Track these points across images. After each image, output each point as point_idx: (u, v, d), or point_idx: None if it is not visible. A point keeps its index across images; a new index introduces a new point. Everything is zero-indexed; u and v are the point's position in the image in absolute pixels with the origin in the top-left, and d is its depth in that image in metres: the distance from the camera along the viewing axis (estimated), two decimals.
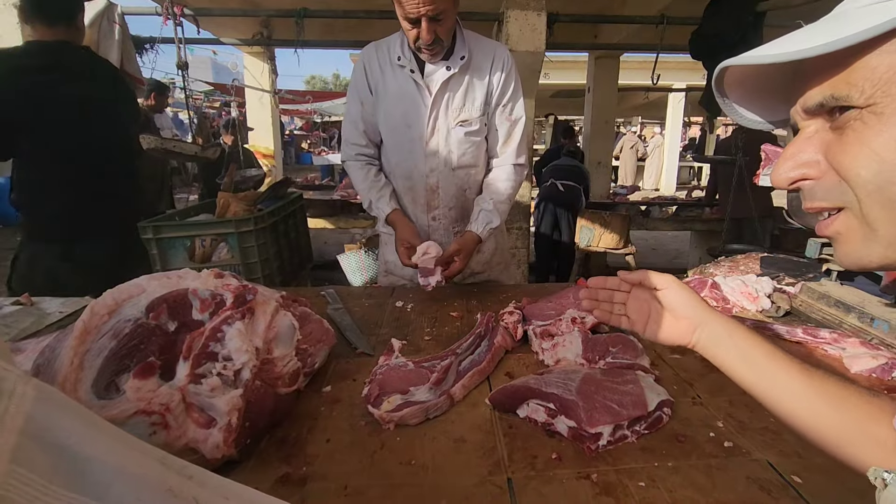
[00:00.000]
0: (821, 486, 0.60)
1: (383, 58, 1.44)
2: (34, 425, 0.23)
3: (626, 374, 0.78)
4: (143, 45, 3.25)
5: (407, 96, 1.43)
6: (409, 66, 1.40)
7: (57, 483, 0.23)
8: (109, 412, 0.55)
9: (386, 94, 1.44)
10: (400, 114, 1.44)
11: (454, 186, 1.50)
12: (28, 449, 0.23)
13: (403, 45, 1.41)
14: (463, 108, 1.44)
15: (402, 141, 1.47)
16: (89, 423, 0.27)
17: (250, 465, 0.65)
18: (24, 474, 0.22)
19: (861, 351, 0.92)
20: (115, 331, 0.62)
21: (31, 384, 0.25)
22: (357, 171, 1.51)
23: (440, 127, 1.44)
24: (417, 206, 1.53)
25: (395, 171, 1.51)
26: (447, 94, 1.42)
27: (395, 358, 0.87)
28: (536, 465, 0.64)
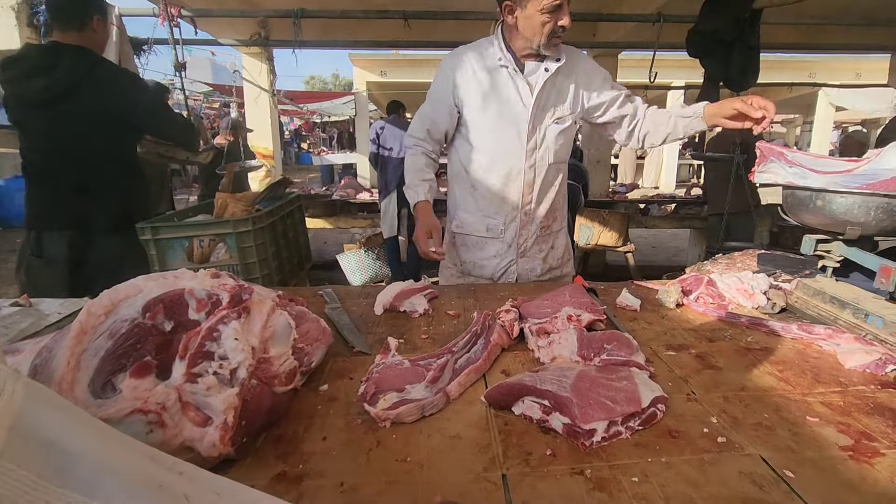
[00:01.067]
0: (812, 480, 0.60)
1: (477, 62, 1.55)
2: (24, 422, 0.24)
3: (621, 371, 0.79)
4: (141, 46, 3.25)
5: (506, 97, 1.54)
6: (511, 67, 1.51)
7: (46, 478, 0.23)
8: (106, 411, 0.56)
9: (481, 96, 1.54)
10: (498, 114, 1.55)
11: (547, 181, 1.62)
12: (17, 445, 0.23)
13: (501, 48, 1.53)
14: (558, 106, 1.56)
15: (500, 139, 1.57)
16: (79, 420, 0.27)
17: (247, 463, 0.65)
18: (14, 470, 0.22)
19: (856, 347, 0.92)
20: (111, 331, 0.63)
21: (21, 382, 0.25)
22: (410, 159, 1.64)
23: (539, 124, 1.56)
24: (508, 203, 1.61)
25: (489, 170, 1.59)
26: (546, 93, 1.53)
27: (392, 356, 0.88)
28: (531, 462, 0.64)
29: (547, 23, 1.42)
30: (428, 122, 1.61)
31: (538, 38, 1.45)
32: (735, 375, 0.87)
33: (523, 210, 1.60)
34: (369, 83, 11.40)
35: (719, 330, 1.08)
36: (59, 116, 1.78)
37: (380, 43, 4.75)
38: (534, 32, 1.45)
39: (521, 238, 1.63)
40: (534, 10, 1.40)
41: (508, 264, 1.66)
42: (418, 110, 1.66)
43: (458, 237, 1.69)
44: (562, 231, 1.75)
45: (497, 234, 1.63)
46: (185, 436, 0.59)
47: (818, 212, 1.20)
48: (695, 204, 5.32)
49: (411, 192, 1.59)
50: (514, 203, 1.59)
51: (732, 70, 3.21)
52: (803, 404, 0.77)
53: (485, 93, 1.53)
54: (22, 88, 1.79)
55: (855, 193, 1.13)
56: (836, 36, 4.89)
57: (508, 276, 1.67)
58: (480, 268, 1.66)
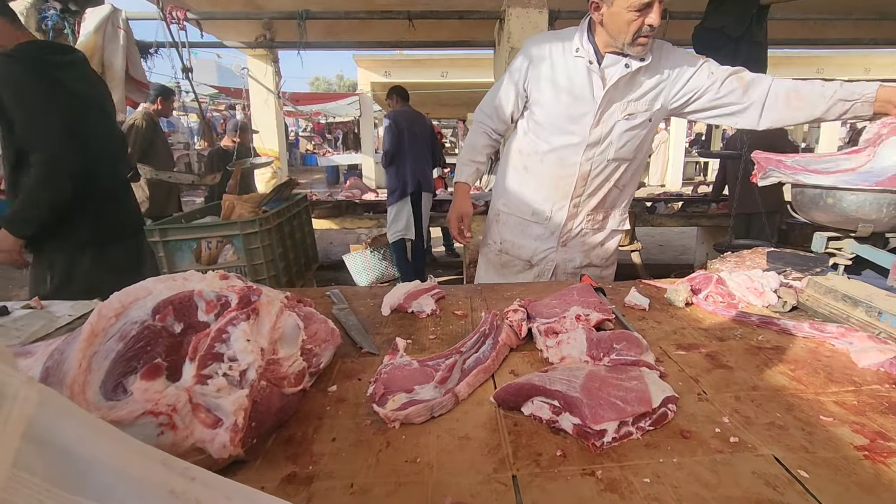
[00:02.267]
0: (827, 480, 0.59)
1: (556, 49, 1.54)
2: (37, 429, 0.24)
3: (631, 371, 0.78)
4: (147, 49, 3.27)
5: (578, 86, 1.52)
6: (588, 58, 1.49)
7: (60, 486, 0.23)
8: (118, 413, 0.56)
9: (554, 83, 1.53)
10: (566, 105, 1.53)
11: (604, 177, 1.59)
12: (30, 453, 0.23)
13: (583, 38, 1.51)
14: (632, 102, 1.51)
15: (563, 131, 1.55)
16: (92, 426, 0.27)
17: (257, 464, 0.65)
18: (27, 478, 0.22)
19: (869, 345, 0.91)
20: (122, 333, 0.63)
21: (35, 388, 0.25)
22: (472, 134, 1.69)
23: (606, 118, 1.52)
24: (560, 191, 1.60)
25: (546, 156, 1.59)
26: (619, 88, 1.49)
27: (400, 357, 0.88)
28: (541, 463, 0.64)
29: (634, 21, 1.38)
30: (497, 101, 1.63)
31: (623, 36, 1.41)
32: (746, 375, 0.86)
33: (573, 202, 1.60)
34: (373, 84, 11.43)
35: (729, 329, 1.07)
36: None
37: (384, 43, 4.76)
38: (619, 30, 1.41)
39: (566, 228, 1.63)
40: (621, 6, 1.36)
41: (548, 251, 1.67)
42: (493, 87, 1.68)
43: (503, 216, 1.72)
44: (617, 232, 1.72)
45: (541, 220, 1.65)
46: (195, 437, 0.59)
47: (829, 209, 1.18)
48: (702, 202, 5.28)
49: (459, 167, 1.65)
50: (565, 192, 1.60)
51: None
52: (816, 404, 0.76)
53: (556, 81, 1.53)
54: None
55: (866, 190, 1.11)
56: (844, 31, 4.83)
57: (547, 262, 1.69)
58: (519, 248, 1.68)
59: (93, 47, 2.66)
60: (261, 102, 6.51)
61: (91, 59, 2.68)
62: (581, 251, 1.68)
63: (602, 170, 1.57)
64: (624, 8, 1.36)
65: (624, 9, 1.36)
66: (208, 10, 4.02)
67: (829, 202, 1.18)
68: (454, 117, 18.16)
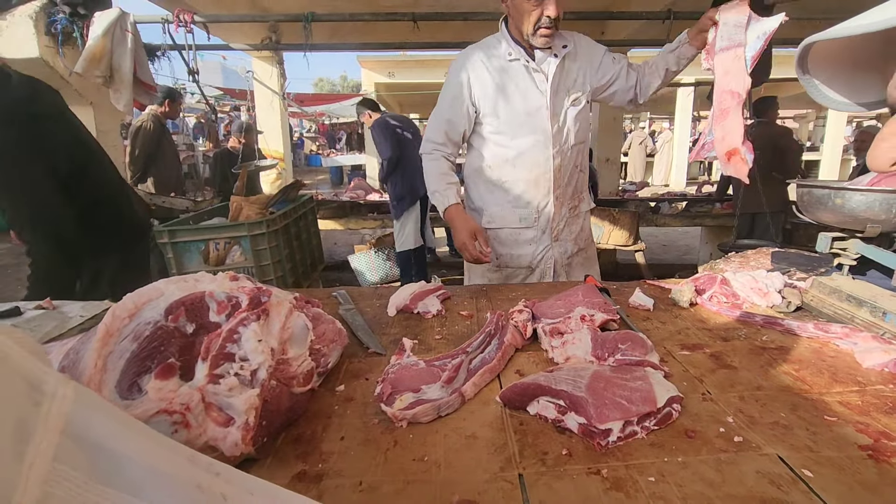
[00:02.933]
0: (831, 480, 0.60)
1: (488, 60, 1.59)
2: (74, 425, 0.25)
3: (636, 371, 0.79)
4: (154, 52, 3.30)
5: (523, 89, 1.58)
6: (523, 60, 1.56)
7: (95, 480, 0.24)
8: (133, 412, 0.57)
9: (501, 92, 1.58)
10: (520, 107, 1.59)
11: (571, 163, 1.67)
12: (69, 448, 0.24)
13: (509, 43, 1.58)
14: (572, 88, 1.61)
15: (526, 131, 1.60)
16: (123, 422, 0.28)
17: (268, 462, 0.67)
18: (67, 471, 0.23)
19: (873, 345, 0.91)
20: (135, 333, 0.64)
21: (70, 386, 0.26)
22: (431, 164, 1.64)
23: (558, 110, 1.60)
24: (541, 190, 1.65)
25: (517, 161, 1.63)
26: (558, 78, 1.58)
27: (407, 357, 0.89)
28: (547, 461, 0.65)
29: (533, 10, 1.46)
30: (445, 125, 1.62)
31: (526, 26, 1.50)
32: (750, 375, 0.86)
33: (555, 195, 1.64)
34: (377, 84, 11.45)
35: (734, 329, 1.07)
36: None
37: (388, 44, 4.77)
38: (521, 21, 1.50)
39: (554, 222, 1.67)
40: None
41: (545, 250, 1.69)
42: (432, 115, 1.67)
43: (491, 233, 1.71)
44: (587, 212, 1.81)
45: (531, 223, 1.67)
46: (208, 436, 0.60)
47: (837, 210, 1.18)
48: (706, 202, 5.27)
49: (439, 196, 1.59)
50: (546, 189, 1.63)
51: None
52: (821, 403, 0.77)
53: (502, 87, 1.57)
54: None
55: (876, 191, 1.11)
56: None
57: (546, 261, 1.71)
58: (518, 258, 1.69)
59: (101, 51, 2.69)
60: (266, 104, 6.55)
61: (99, 63, 2.71)
62: (571, 240, 1.72)
63: (570, 157, 1.65)
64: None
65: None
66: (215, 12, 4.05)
67: (837, 202, 1.19)
68: None
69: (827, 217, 1.26)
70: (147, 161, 4.03)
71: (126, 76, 2.78)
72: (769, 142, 3.99)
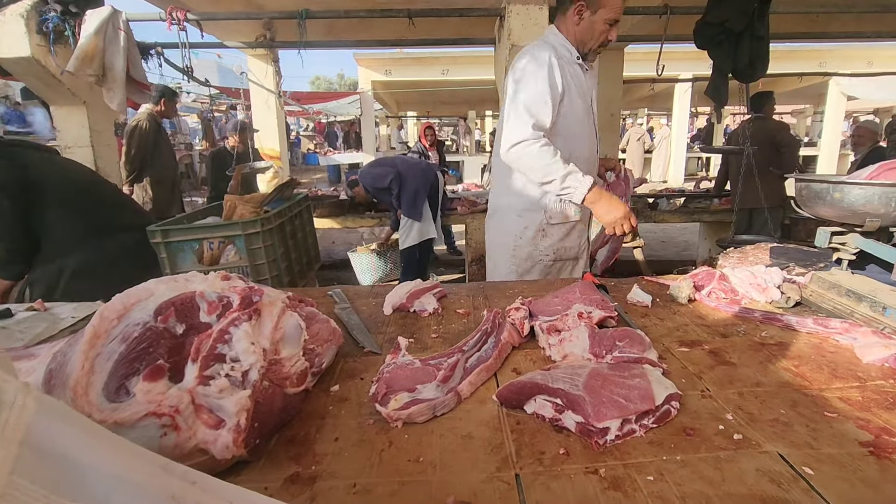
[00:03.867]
0: (832, 477, 0.59)
1: (563, 55, 1.68)
2: (35, 436, 0.24)
3: (634, 369, 0.78)
4: (148, 51, 3.27)
5: (585, 89, 1.72)
6: (585, 64, 1.71)
7: (59, 492, 0.23)
8: (121, 415, 0.56)
9: (570, 89, 1.66)
10: (582, 106, 1.71)
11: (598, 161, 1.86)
12: (29, 460, 0.23)
13: (569, 47, 1.69)
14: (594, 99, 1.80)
15: (584, 130, 1.74)
16: (90, 432, 0.27)
17: (260, 464, 0.65)
18: (25, 485, 0.22)
19: (873, 340, 0.91)
20: (124, 335, 0.63)
21: (32, 395, 0.25)
22: (546, 150, 1.58)
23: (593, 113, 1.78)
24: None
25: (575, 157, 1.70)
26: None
27: (402, 356, 0.88)
28: (544, 461, 0.64)
29: (604, 32, 1.61)
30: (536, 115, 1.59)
31: (591, 43, 1.65)
32: (750, 371, 0.86)
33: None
34: (374, 82, 11.41)
35: (733, 325, 1.07)
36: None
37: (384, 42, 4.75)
38: (591, 37, 1.64)
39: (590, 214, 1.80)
40: (601, 18, 1.59)
41: (584, 241, 1.86)
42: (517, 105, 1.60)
43: (549, 228, 1.78)
44: None
45: (582, 217, 1.81)
46: (198, 438, 0.59)
47: (836, 204, 1.17)
48: (704, 197, 5.25)
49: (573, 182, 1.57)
50: None
51: (741, 61, 3.16)
52: (821, 400, 0.76)
53: (572, 86, 1.66)
54: None
55: (875, 185, 1.10)
56: (847, 24, 4.80)
57: (583, 251, 1.88)
58: (568, 249, 1.82)
59: (93, 49, 2.66)
60: (261, 102, 6.51)
61: (92, 62, 2.68)
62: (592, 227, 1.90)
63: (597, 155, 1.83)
64: (603, 20, 1.59)
65: (602, 20, 1.59)
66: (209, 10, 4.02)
67: (836, 196, 1.18)
68: (455, 115, 18.14)
69: (826, 212, 1.25)
70: (143, 161, 4.01)
71: (119, 75, 2.75)
72: (766, 137, 3.98)
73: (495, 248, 1.91)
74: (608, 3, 1.56)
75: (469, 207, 4.45)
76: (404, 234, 4.09)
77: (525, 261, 1.81)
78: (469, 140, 16.44)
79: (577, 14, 1.62)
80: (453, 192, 5.61)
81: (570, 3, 1.62)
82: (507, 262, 1.83)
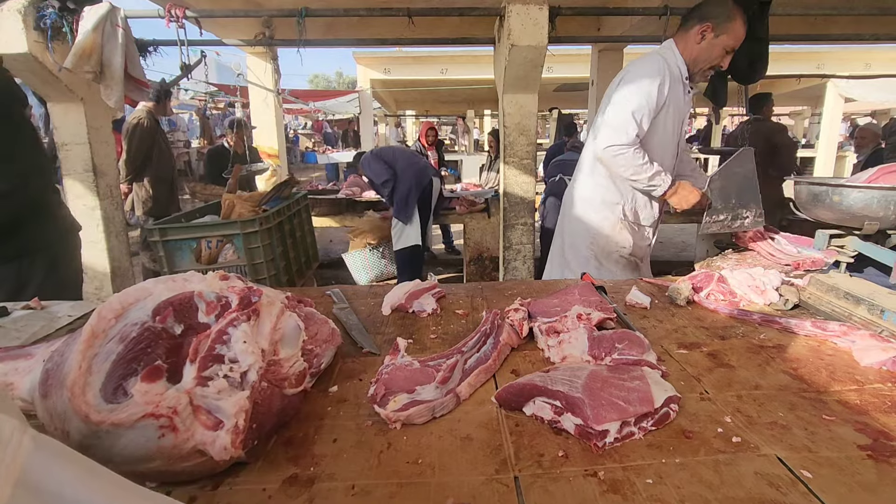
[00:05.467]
0: (830, 480, 0.59)
1: (673, 72, 1.74)
2: (30, 475, 0.23)
3: (633, 371, 0.78)
4: (146, 48, 3.25)
5: (680, 105, 1.78)
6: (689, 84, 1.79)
7: None
8: (118, 416, 0.56)
9: (668, 107, 1.74)
10: (672, 126, 1.79)
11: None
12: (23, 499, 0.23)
13: (680, 64, 1.75)
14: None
15: (668, 149, 1.83)
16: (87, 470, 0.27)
17: (258, 466, 0.65)
18: None
19: (871, 343, 0.91)
20: (122, 335, 0.63)
21: (28, 434, 0.25)
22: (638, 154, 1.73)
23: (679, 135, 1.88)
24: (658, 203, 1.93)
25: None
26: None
27: (401, 357, 0.87)
28: (543, 463, 0.63)
29: (719, 57, 1.68)
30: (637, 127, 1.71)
31: (705, 64, 1.72)
32: (748, 374, 0.86)
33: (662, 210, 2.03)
34: (373, 81, 11.39)
35: (731, 327, 1.07)
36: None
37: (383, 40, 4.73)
38: (707, 59, 1.70)
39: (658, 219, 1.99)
40: (721, 43, 1.66)
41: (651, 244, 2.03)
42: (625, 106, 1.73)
43: (632, 225, 1.94)
44: None
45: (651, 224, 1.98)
46: (196, 440, 0.59)
47: (835, 207, 1.18)
48: None
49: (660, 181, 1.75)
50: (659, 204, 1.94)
51: (740, 62, 3.16)
52: (819, 403, 0.76)
53: (668, 100, 1.73)
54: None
55: (874, 188, 1.11)
56: (845, 26, 4.80)
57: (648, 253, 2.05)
58: (640, 248, 1.97)
59: (91, 46, 2.64)
60: (260, 100, 6.49)
61: (90, 58, 2.66)
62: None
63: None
64: (723, 45, 1.66)
65: (722, 46, 1.67)
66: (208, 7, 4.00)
67: (835, 199, 1.18)
68: (454, 114, 18.12)
69: (824, 214, 1.25)
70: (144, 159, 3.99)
71: (117, 72, 2.73)
72: (764, 138, 3.99)
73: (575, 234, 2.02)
74: (732, 31, 1.64)
75: (467, 207, 4.44)
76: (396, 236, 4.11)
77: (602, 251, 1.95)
78: (467, 139, 16.44)
79: (701, 34, 1.69)
80: (451, 191, 5.60)
81: (698, 23, 1.69)
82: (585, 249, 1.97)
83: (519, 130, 3.18)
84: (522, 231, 3.34)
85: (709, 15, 1.70)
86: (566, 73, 9.59)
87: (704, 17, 1.71)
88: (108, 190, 3.07)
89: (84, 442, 0.57)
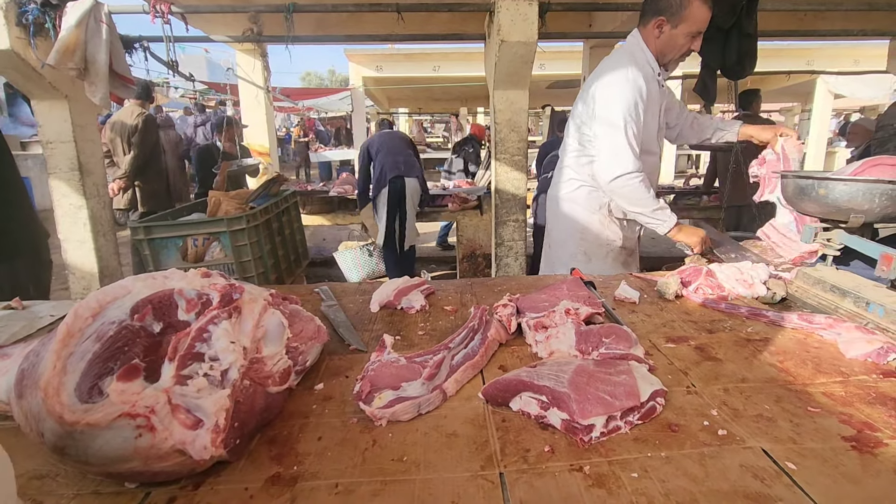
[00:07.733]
0: (815, 472, 0.59)
1: (646, 73, 1.68)
2: None
3: (620, 365, 0.78)
4: (131, 44, 3.21)
5: (659, 103, 1.74)
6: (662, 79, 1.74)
7: None
8: (93, 416, 0.55)
9: (648, 109, 1.69)
10: (653, 124, 1.74)
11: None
12: None
13: (650, 60, 1.69)
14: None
15: (652, 146, 1.78)
16: None
17: (240, 465, 0.64)
18: None
19: (857, 336, 0.91)
20: (98, 333, 0.61)
21: None
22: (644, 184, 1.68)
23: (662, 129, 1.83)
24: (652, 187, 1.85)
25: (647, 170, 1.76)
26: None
27: (388, 354, 0.86)
28: (529, 459, 0.63)
29: (685, 45, 1.62)
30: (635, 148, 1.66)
31: (672, 54, 1.67)
32: (735, 367, 0.86)
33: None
34: (365, 78, 11.34)
35: (719, 321, 1.07)
36: None
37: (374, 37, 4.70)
38: (672, 50, 1.65)
39: None
40: (682, 32, 1.60)
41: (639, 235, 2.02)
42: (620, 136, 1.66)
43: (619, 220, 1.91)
44: None
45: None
46: (175, 439, 0.58)
47: (820, 200, 1.18)
48: (693, 194, 5.29)
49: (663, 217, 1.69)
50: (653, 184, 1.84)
51: (730, 58, 3.18)
52: (804, 395, 0.76)
53: (650, 105, 1.69)
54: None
55: (859, 181, 1.11)
56: (834, 22, 4.85)
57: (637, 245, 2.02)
58: (630, 240, 1.94)
59: (75, 42, 2.60)
60: (251, 98, 6.43)
61: (73, 55, 2.62)
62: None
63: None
64: (684, 33, 1.59)
65: (683, 34, 1.60)
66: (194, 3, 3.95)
67: (820, 193, 1.19)
68: (447, 112, 18.08)
69: (810, 207, 1.26)
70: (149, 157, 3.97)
71: (101, 68, 2.69)
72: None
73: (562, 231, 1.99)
74: (689, 18, 1.56)
75: (459, 204, 4.44)
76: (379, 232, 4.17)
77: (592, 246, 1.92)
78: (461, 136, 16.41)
79: (657, 28, 1.64)
80: (444, 188, 5.59)
81: (653, 17, 1.63)
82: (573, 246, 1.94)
83: (510, 127, 3.18)
84: (514, 228, 3.34)
85: (660, 8, 1.62)
86: (558, 70, 9.60)
87: (657, 10, 1.63)
88: (95, 189, 3.03)
89: (59, 443, 0.55)
